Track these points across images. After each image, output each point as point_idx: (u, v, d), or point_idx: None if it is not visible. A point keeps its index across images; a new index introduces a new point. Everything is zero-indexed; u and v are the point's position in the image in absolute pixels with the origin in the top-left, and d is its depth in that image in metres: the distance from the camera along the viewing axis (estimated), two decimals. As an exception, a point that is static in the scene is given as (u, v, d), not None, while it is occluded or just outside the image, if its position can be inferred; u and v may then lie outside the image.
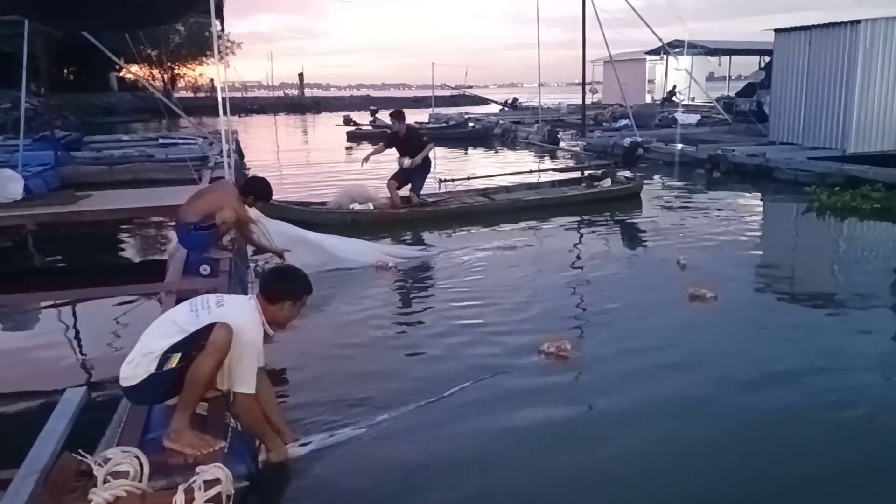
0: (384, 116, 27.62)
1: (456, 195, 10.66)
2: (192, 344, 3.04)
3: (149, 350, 3.09)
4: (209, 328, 3.04)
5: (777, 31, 14.90)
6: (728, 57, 31.54)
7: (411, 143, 9.90)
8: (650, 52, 29.68)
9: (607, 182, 11.23)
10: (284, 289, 3.39)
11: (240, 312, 3.23)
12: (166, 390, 3.12)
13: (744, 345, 5.13)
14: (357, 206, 9.50)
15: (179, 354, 3.04)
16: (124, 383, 3.13)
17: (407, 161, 9.74)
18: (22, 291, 5.75)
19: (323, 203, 9.73)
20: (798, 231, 10.00)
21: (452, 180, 10.67)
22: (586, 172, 12.15)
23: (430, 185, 10.57)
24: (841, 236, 9.41)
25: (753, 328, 5.51)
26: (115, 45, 13.01)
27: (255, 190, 5.77)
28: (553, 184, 11.81)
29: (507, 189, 11.14)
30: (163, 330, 3.17)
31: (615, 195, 10.89)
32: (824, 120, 13.63)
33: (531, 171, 13.15)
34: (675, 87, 23.23)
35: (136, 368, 3.08)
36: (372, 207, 9.58)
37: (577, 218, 9.80)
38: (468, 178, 11.15)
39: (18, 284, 6.56)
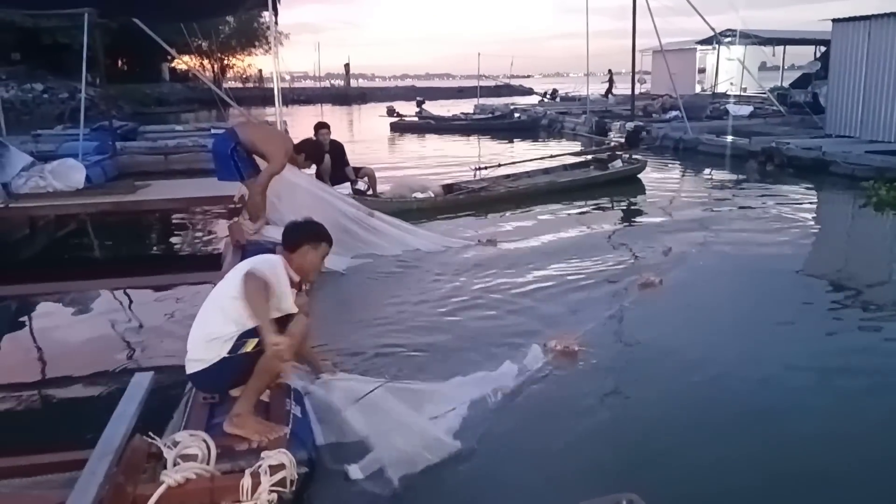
0: (431, 107, 27.69)
1: (494, 179, 11.39)
2: None
3: (218, 334, 3.16)
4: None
5: (835, 20, 14.50)
6: (782, 47, 30.70)
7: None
8: (701, 42, 29.00)
9: (618, 163, 12.14)
10: (299, 234, 3.58)
11: (261, 259, 3.46)
12: (234, 376, 3.19)
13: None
14: (420, 195, 10.09)
15: (256, 340, 3.10)
16: (192, 367, 3.22)
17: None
18: (85, 279, 5.96)
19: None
20: (850, 226, 9.73)
21: (486, 167, 11.71)
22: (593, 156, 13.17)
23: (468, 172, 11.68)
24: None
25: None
26: (168, 36, 13.23)
27: (306, 150, 6.52)
28: (565, 167, 12.56)
29: (528, 174, 12.04)
30: (231, 313, 3.18)
31: (626, 175, 12.01)
32: (884, 112, 13.24)
33: (552, 157, 13.40)
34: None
35: (206, 351, 3.16)
36: (433, 195, 10.21)
37: (593, 201, 10.56)
38: (499, 165, 12.17)
39: (81, 271, 6.83)
